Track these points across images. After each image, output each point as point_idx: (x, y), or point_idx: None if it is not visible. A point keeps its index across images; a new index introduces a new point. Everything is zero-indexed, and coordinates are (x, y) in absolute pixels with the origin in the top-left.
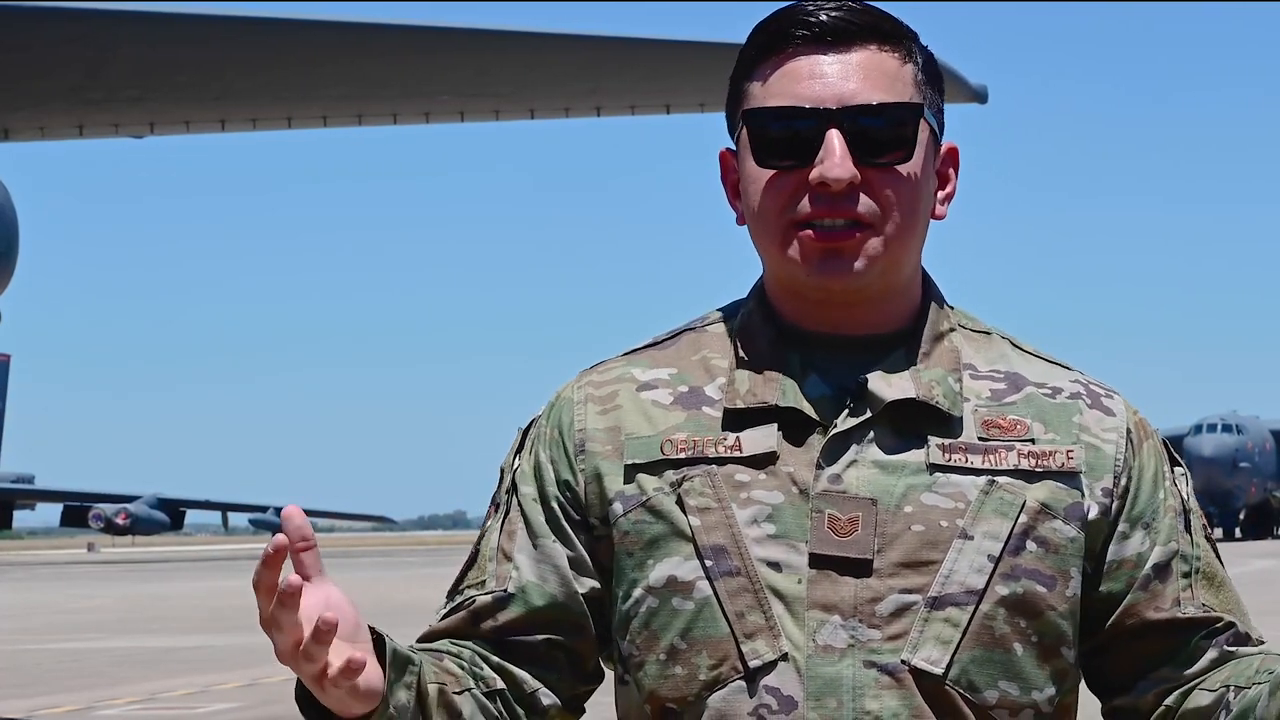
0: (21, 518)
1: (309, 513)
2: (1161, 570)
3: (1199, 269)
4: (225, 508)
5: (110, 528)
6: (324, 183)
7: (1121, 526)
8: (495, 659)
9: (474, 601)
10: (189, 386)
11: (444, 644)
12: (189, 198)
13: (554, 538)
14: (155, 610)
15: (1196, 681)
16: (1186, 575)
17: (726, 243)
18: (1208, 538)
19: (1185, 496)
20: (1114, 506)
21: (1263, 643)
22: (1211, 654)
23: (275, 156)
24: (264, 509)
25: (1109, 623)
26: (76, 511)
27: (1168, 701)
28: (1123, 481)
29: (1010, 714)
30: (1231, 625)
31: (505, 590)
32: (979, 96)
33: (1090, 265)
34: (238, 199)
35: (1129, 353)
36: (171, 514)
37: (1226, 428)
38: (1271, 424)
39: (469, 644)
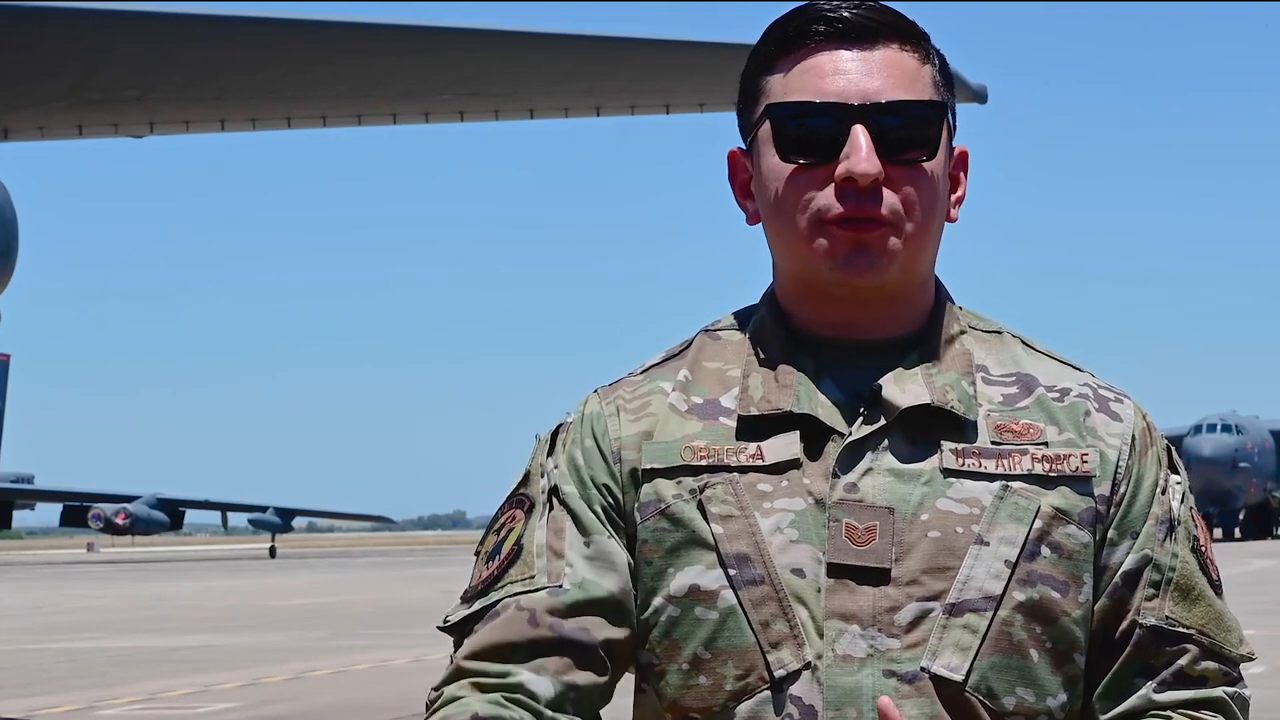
0: (21, 518)
1: (309, 513)
2: (1130, 578)
3: (1199, 269)
4: (225, 508)
5: (110, 528)
6: (324, 183)
7: (1112, 534)
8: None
9: (526, 600)
10: (189, 386)
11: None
12: (189, 198)
13: (606, 533)
14: (155, 610)
15: None
16: (1155, 585)
17: (726, 242)
18: (1196, 550)
19: (1174, 506)
20: (1109, 514)
21: (1248, 658)
22: (1135, 699)
23: (275, 156)
24: (263, 509)
25: None
26: (76, 511)
27: None
28: (1121, 489)
29: None
30: (1184, 653)
31: (561, 585)
32: (979, 96)
33: (1090, 265)
34: (237, 199)
35: (1129, 353)
36: (171, 514)
37: (1226, 428)
38: (1271, 424)
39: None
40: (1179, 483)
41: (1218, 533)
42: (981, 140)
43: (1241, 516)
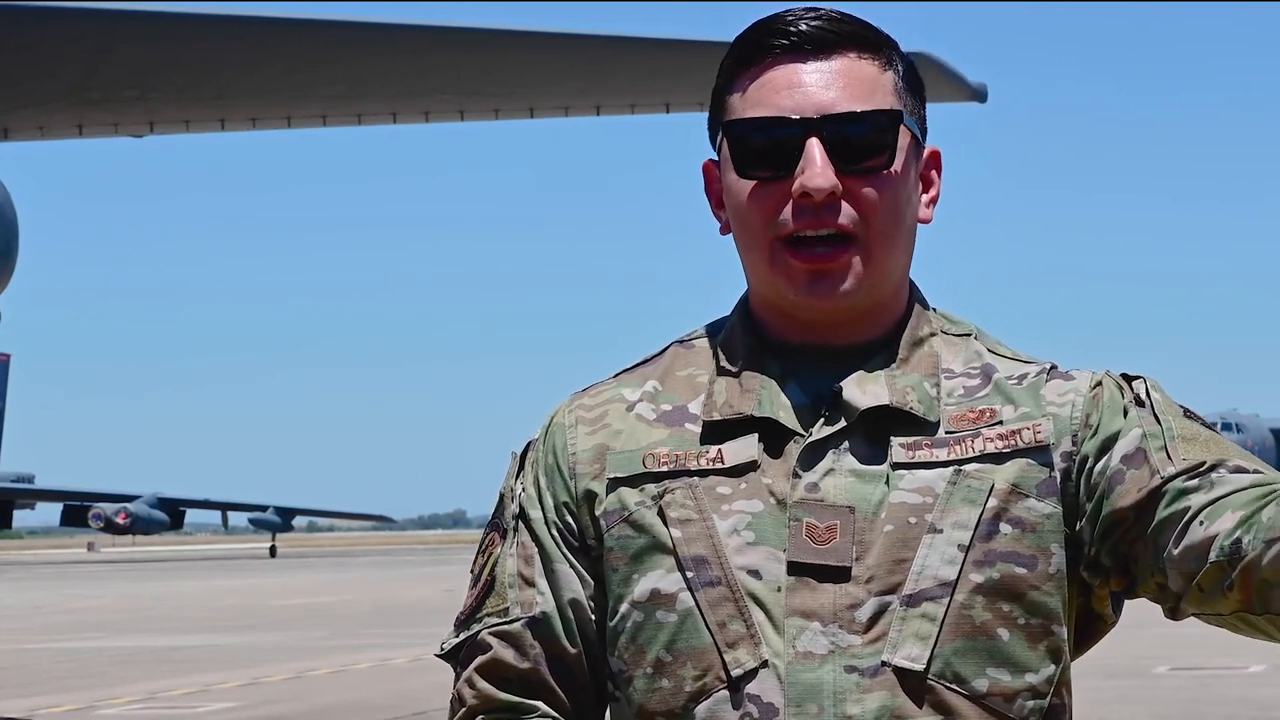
0: (21, 517)
1: (309, 512)
2: (1131, 458)
3: (1199, 269)
4: (225, 507)
5: (110, 527)
6: (324, 183)
7: (1091, 459)
8: None
9: (504, 631)
10: (189, 386)
11: None
12: (189, 197)
13: (567, 562)
14: (155, 610)
15: (1206, 534)
16: (1161, 449)
17: (725, 242)
18: (1191, 416)
19: (1145, 396)
20: (1078, 451)
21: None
22: (1199, 495)
23: (275, 156)
24: (264, 508)
25: (1109, 542)
26: (76, 511)
27: (1199, 578)
28: (1081, 434)
29: (1005, 700)
30: (1217, 470)
31: (533, 615)
32: (979, 96)
33: (1090, 265)
34: (238, 199)
35: (1128, 352)
36: (171, 513)
37: (1226, 426)
38: (1271, 423)
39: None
40: (1142, 381)
41: None
42: (981, 139)
43: None
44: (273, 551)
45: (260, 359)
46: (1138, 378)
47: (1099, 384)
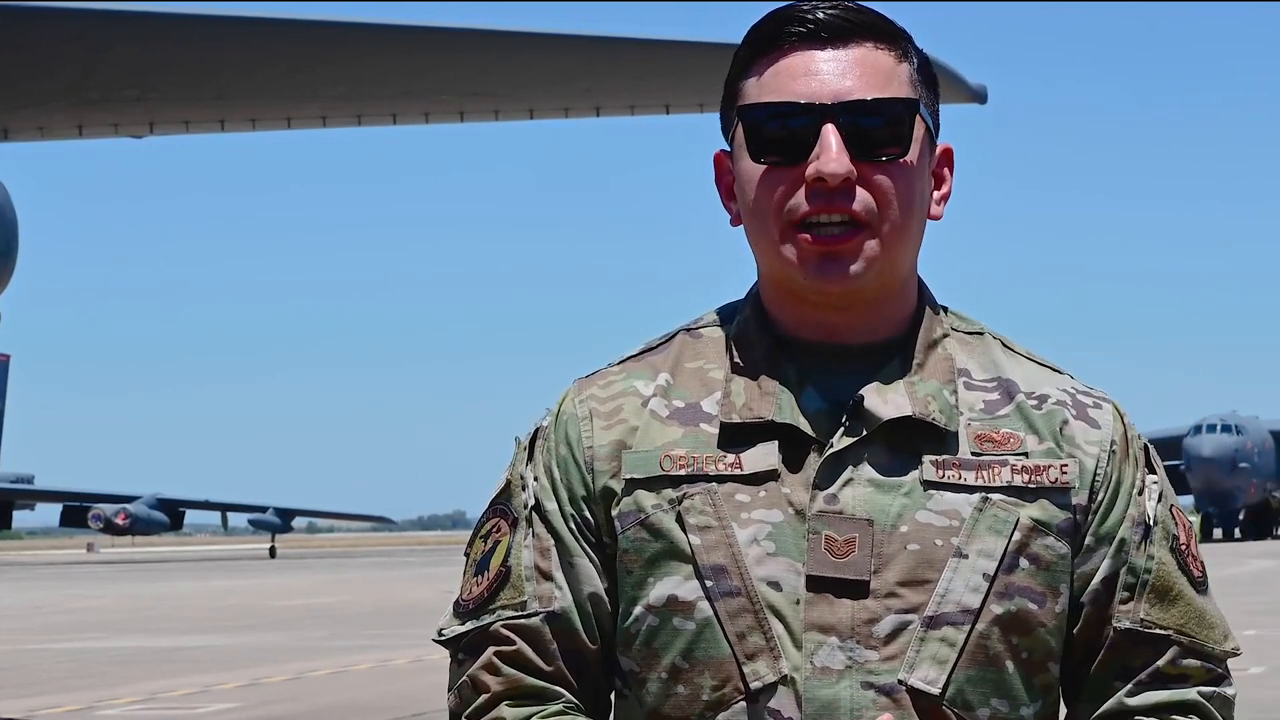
0: (21, 518)
1: (309, 513)
2: (1108, 583)
3: (1199, 269)
4: (225, 508)
5: (110, 528)
6: (324, 183)
7: (1089, 540)
8: None
9: (521, 624)
10: (189, 386)
11: None
12: (189, 197)
13: (586, 556)
14: (155, 610)
15: None
16: (1130, 588)
17: (726, 242)
18: (1175, 550)
19: (1150, 507)
20: (1087, 521)
21: (1232, 654)
22: (1110, 703)
23: (275, 156)
24: (263, 509)
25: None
26: (76, 511)
27: None
28: (1099, 496)
29: None
30: (1162, 654)
31: (551, 610)
32: (979, 96)
33: (1090, 265)
34: (238, 199)
35: (1128, 353)
36: (171, 514)
37: (1226, 428)
38: (1271, 424)
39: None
40: (1155, 483)
41: (1218, 533)
42: (981, 140)
43: (1241, 516)
44: (272, 552)
45: (260, 359)
46: (1154, 470)
47: (1124, 437)
